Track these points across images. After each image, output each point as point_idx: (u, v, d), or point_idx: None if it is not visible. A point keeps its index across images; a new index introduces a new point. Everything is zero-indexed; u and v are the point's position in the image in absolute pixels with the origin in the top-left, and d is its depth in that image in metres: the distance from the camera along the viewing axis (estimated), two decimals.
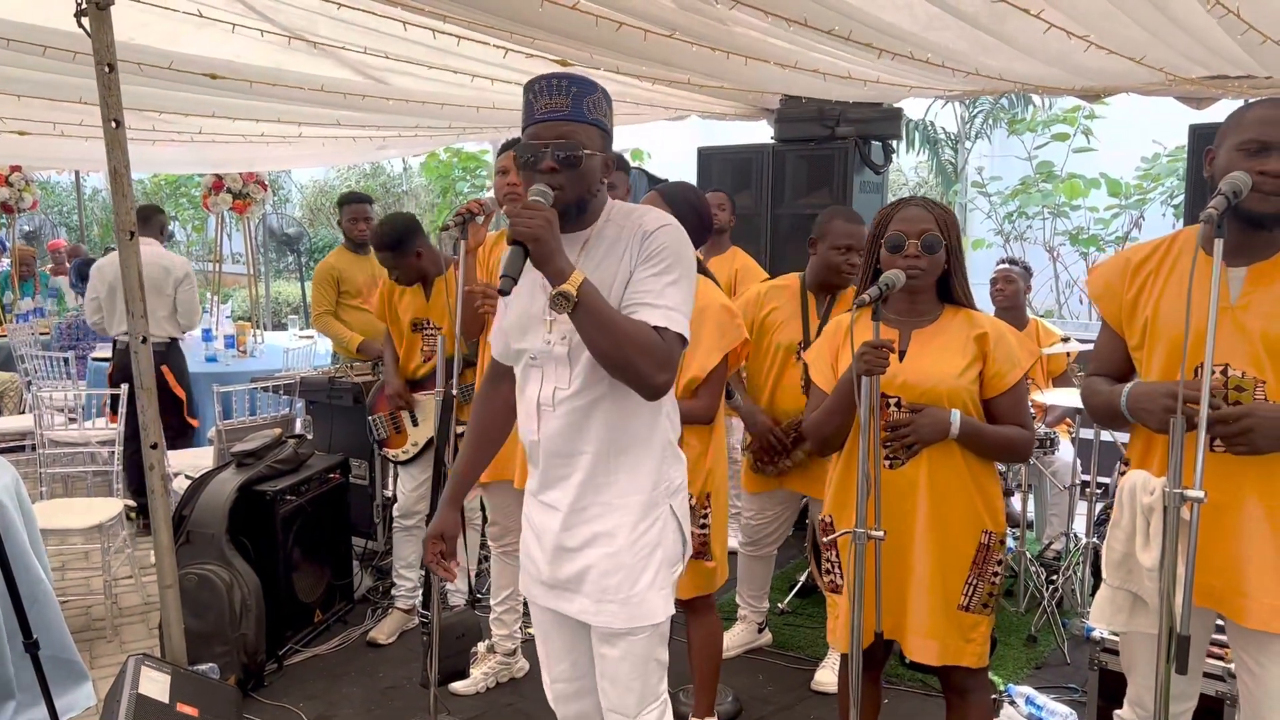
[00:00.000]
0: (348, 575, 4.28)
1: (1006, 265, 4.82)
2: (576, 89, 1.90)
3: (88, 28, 2.76)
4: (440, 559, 2.19)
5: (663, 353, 1.89)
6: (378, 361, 4.61)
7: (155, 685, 2.80)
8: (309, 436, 4.59)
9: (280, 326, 10.79)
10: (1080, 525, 4.39)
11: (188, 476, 4.37)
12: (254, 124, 5.49)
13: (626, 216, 2.02)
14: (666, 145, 10.92)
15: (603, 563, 2.01)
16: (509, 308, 2.09)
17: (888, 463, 2.37)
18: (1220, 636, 2.36)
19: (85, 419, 5.69)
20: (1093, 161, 9.88)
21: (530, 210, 1.81)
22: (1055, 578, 4.16)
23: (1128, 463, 2.20)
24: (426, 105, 4.97)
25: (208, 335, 6.87)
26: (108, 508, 4.24)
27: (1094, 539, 4.12)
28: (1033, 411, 3.98)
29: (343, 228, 5.18)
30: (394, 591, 4.11)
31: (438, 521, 2.20)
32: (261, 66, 4.13)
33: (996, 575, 2.39)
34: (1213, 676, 2.64)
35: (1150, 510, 1.97)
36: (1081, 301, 10.96)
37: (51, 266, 10.65)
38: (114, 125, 2.80)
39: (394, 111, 5.11)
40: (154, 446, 2.96)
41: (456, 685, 3.52)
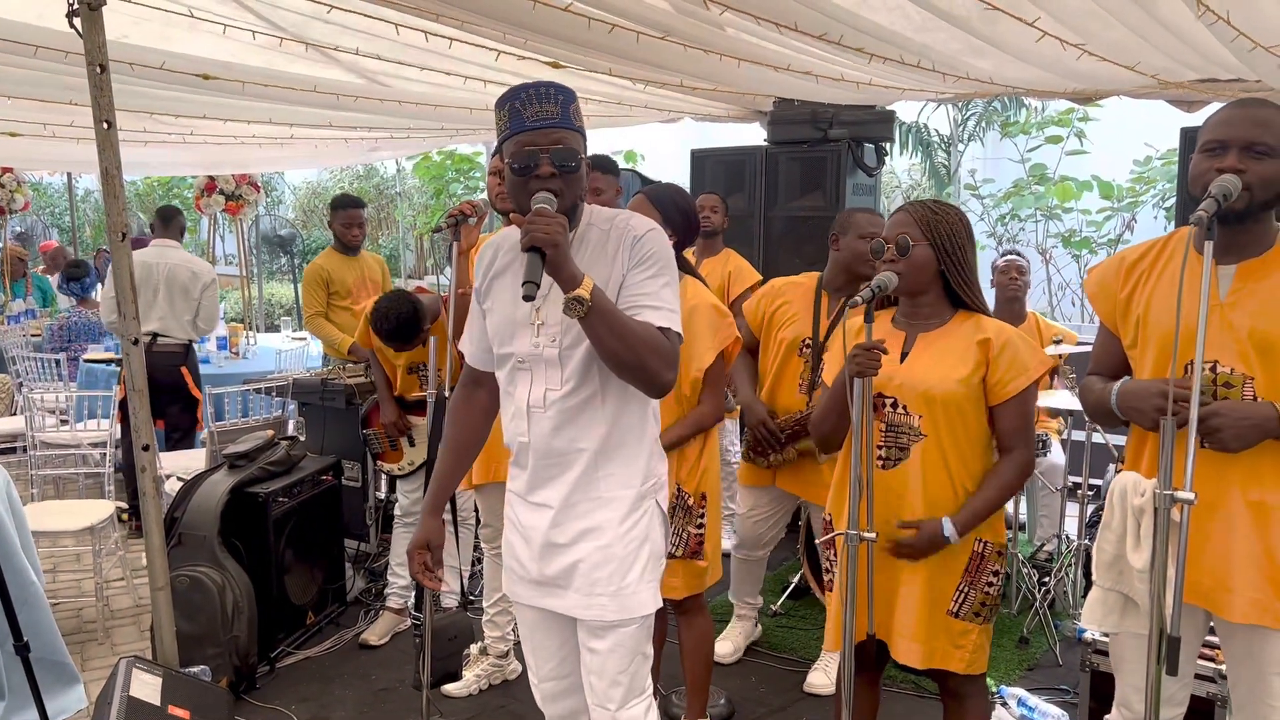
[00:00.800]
0: (340, 577, 4.27)
1: (1014, 255, 4.81)
2: (563, 96, 1.94)
3: (79, 28, 2.75)
4: (426, 569, 2.19)
5: (669, 351, 1.94)
6: (369, 363, 4.60)
7: (147, 687, 2.79)
8: (301, 438, 4.57)
9: (273, 328, 10.77)
10: (1072, 527, 4.40)
11: (180, 479, 4.36)
12: (246, 125, 5.49)
13: (609, 220, 2.03)
14: (659, 147, 10.95)
15: (593, 555, 2.03)
16: (491, 313, 2.10)
17: (880, 464, 2.38)
18: (1212, 639, 2.36)
19: (76, 421, 5.67)
20: (1085, 164, 9.90)
21: (544, 217, 1.82)
22: (1047, 580, 4.16)
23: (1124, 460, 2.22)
24: (419, 107, 4.97)
25: (201, 337, 6.85)
26: (99, 510, 4.22)
27: (1085, 541, 4.12)
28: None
29: (335, 231, 5.15)
30: (386, 591, 4.10)
31: (421, 531, 2.19)
32: (254, 67, 4.13)
33: (991, 585, 2.38)
34: (1204, 678, 2.64)
35: (1141, 512, 1.99)
36: (1074, 304, 10.99)
37: (43, 268, 10.61)
38: (106, 126, 2.79)
39: (387, 113, 5.11)
40: (145, 448, 2.95)
41: (449, 687, 3.52)
